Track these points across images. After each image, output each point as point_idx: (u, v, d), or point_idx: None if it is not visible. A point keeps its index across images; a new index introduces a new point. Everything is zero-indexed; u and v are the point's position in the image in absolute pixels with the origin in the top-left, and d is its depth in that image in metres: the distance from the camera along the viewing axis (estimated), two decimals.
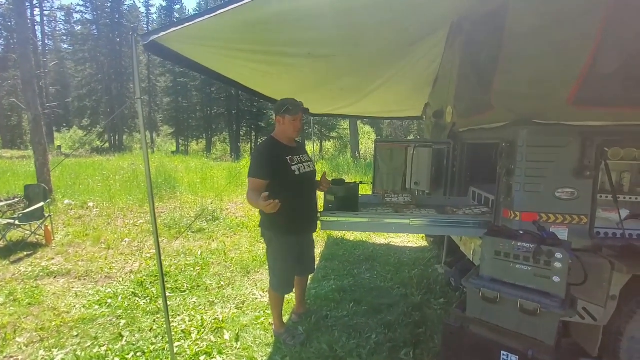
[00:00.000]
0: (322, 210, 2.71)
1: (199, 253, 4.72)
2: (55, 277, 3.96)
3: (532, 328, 1.61)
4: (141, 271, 4.11)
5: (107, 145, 28.64)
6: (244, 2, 1.48)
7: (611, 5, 1.77)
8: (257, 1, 1.50)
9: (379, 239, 5.51)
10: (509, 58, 2.11)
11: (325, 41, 2.56)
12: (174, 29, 1.64)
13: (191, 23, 1.65)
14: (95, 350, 2.62)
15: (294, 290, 2.77)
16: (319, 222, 2.64)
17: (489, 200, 2.87)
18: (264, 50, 2.51)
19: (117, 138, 30.00)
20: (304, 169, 2.48)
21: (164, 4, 34.09)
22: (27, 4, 21.79)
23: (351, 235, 5.61)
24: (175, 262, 4.41)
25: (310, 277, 3.26)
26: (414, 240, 5.42)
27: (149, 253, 4.75)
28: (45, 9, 30.02)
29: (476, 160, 3.42)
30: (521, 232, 1.81)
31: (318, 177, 2.73)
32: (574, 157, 2.03)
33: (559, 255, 1.59)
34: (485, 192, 2.93)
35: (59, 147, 23.76)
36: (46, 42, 33.24)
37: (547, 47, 1.94)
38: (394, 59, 3.64)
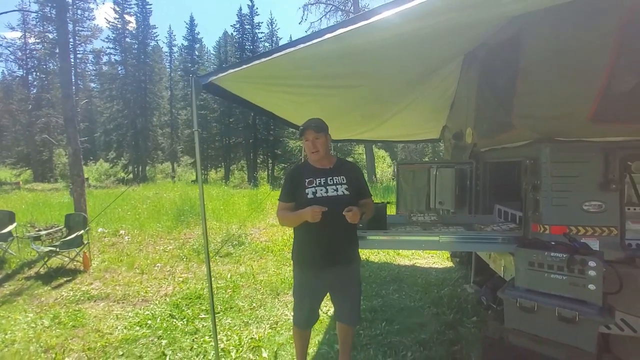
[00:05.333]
0: None
1: (229, 276, 4.86)
2: (95, 301, 4.15)
3: (572, 336, 1.66)
4: (175, 294, 4.27)
5: (131, 176, 29.84)
6: (279, 53, 1.80)
7: (623, 29, 1.93)
8: (293, 52, 1.81)
9: (404, 260, 5.53)
10: (527, 82, 2.28)
11: (352, 74, 2.81)
12: (231, 71, 1.93)
13: (240, 68, 1.95)
14: None
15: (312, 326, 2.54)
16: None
17: (516, 217, 2.94)
18: (297, 84, 2.79)
19: (140, 169, 31.26)
20: (325, 192, 2.16)
21: (185, 43, 36.38)
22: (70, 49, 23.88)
23: (375, 257, 5.65)
24: (207, 285, 4.54)
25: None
26: (439, 262, 5.40)
27: (181, 277, 4.92)
28: (78, 52, 32.41)
29: (500, 179, 3.51)
30: (553, 243, 1.89)
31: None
32: (598, 172, 2.12)
33: (592, 264, 1.67)
34: (511, 209, 3.01)
35: (87, 179, 24.92)
36: (78, 82, 35.71)
37: (563, 70, 2.11)
38: (413, 87, 3.88)
